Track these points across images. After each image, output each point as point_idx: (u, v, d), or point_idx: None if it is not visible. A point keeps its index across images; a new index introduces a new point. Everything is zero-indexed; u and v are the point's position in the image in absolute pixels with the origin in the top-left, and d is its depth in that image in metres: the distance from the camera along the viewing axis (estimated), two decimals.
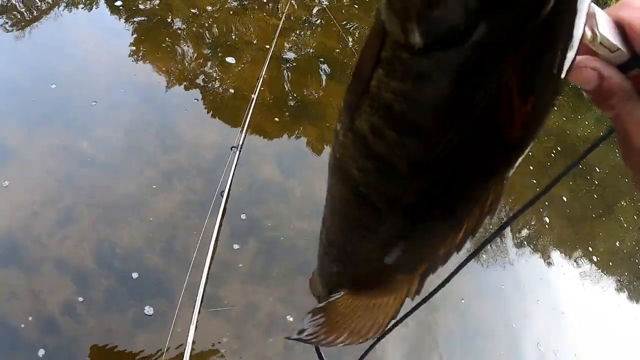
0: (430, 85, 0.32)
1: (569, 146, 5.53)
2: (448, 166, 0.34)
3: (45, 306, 2.59)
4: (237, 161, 1.97)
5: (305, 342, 0.57)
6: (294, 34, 5.29)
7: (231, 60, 4.36)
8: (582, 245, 4.63)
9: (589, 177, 5.22)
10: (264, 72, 2.40)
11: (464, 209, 0.39)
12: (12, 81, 3.67)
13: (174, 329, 1.97)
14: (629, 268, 4.72)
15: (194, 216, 3.10)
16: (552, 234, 4.51)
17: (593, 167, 5.34)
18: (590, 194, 5.07)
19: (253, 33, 4.98)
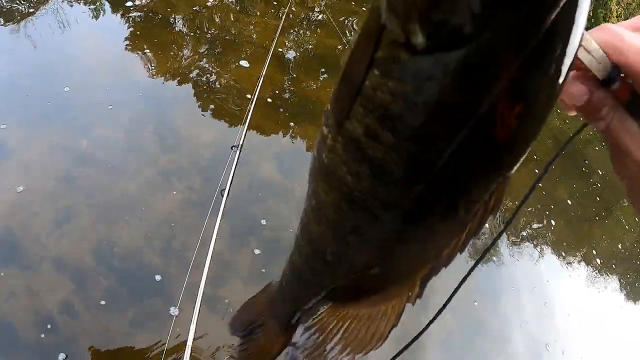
0: (430, 86, 0.31)
1: (572, 148, 5.53)
2: (448, 168, 0.33)
3: (44, 305, 2.58)
4: (237, 160, 1.96)
5: None
6: (294, 32, 5.28)
7: (245, 64, 4.35)
8: (586, 247, 4.66)
9: (592, 180, 5.22)
10: (264, 71, 2.39)
11: (466, 211, 0.37)
12: (11, 80, 3.66)
13: (173, 329, 1.96)
14: (631, 269, 4.74)
15: (193, 215, 3.09)
16: (556, 236, 4.53)
17: (595, 170, 5.34)
18: (594, 195, 5.09)
19: (253, 31, 4.96)
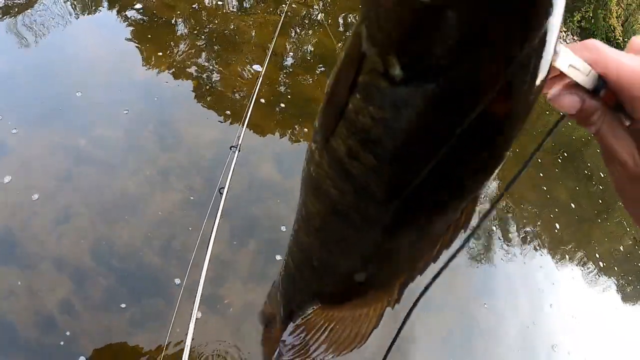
0: (408, 114, 0.33)
1: (574, 151, 5.55)
2: (424, 187, 0.36)
3: (44, 305, 2.58)
4: (236, 161, 1.96)
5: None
6: (294, 32, 5.28)
7: (258, 68, 4.36)
8: (589, 249, 4.71)
9: (593, 182, 5.23)
10: (263, 71, 2.39)
11: (439, 227, 0.41)
12: (11, 79, 3.65)
13: (172, 328, 1.96)
14: (631, 270, 4.77)
15: (193, 215, 3.09)
16: (560, 239, 4.60)
17: (596, 172, 5.36)
18: (595, 197, 5.11)
19: (252, 30, 4.96)
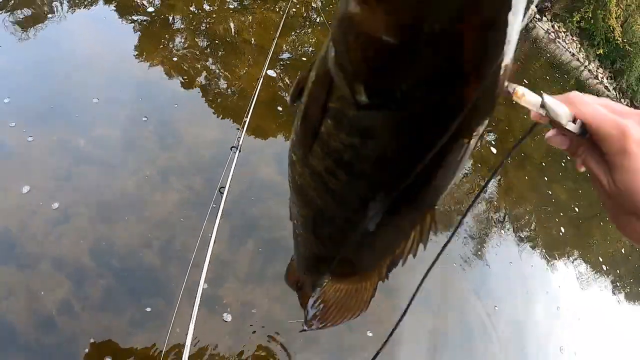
0: (374, 141, 0.38)
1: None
2: (393, 200, 0.43)
3: (43, 305, 2.57)
4: (237, 161, 1.96)
5: (318, 328, 0.70)
6: (294, 32, 5.28)
7: (272, 74, 4.36)
8: (592, 251, 4.74)
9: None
10: (264, 71, 2.39)
11: (409, 226, 0.50)
12: (10, 79, 3.65)
13: (172, 329, 1.96)
14: (632, 272, 4.79)
15: (192, 215, 3.09)
16: (565, 242, 4.66)
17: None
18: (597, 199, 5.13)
19: (253, 31, 4.96)
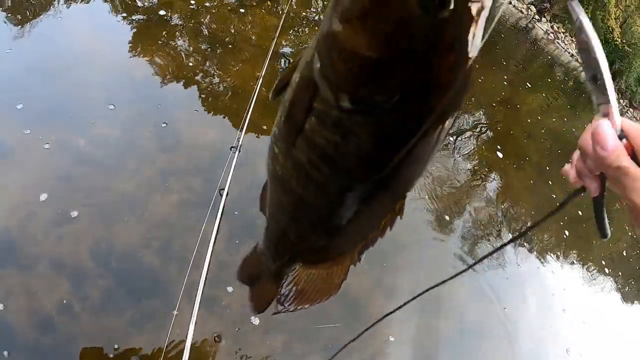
0: (355, 139, 0.43)
1: (570, 148, 5.55)
2: (368, 190, 0.49)
3: (42, 305, 2.57)
4: (236, 161, 1.96)
5: (290, 311, 0.75)
6: (293, 31, 5.28)
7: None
8: (594, 254, 4.77)
9: None
10: (263, 71, 2.39)
11: (381, 215, 0.55)
12: (9, 78, 3.65)
13: (172, 329, 1.96)
14: (632, 274, 4.81)
15: (192, 216, 3.09)
16: (569, 245, 4.71)
17: None
18: None
19: (252, 30, 4.96)
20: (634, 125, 0.53)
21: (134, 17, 4.63)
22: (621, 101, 14.76)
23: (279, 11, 5.26)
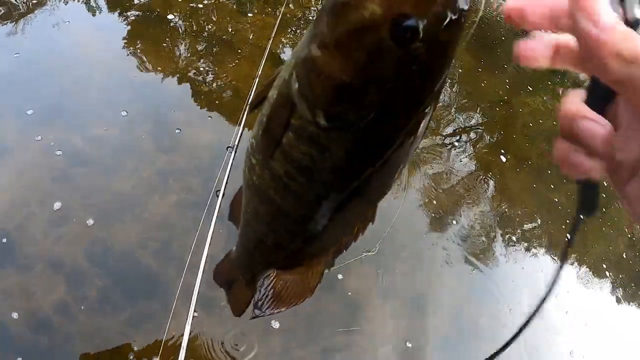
0: (330, 153, 0.46)
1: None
2: (343, 199, 0.52)
3: (39, 306, 2.57)
4: (232, 161, 1.96)
5: (267, 315, 0.77)
6: (291, 30, 5.29)
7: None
8: (596, 257, 4.80)
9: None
10: (259, 71, 2.39)
11: (355, 221, 0.59)
12: (7, 79, 3.65)
13: (169, 330, 1.96)
14: (629, 276, 4.83)
15: (190, 216, 3.09)
16: (573, 248, 4.73)
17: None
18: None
19: (249, 30, 4.96)
20: None
21: (132, 16, 4.64)
22: None
23: (277, 12, 5.27)
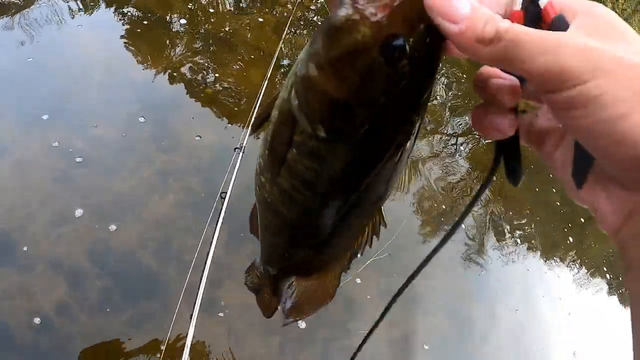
0: (329, 166, 0.50)
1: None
2: (347, 207, 0.55)
3: (40, 306, 2.57)
4: (240, 163, 1.97)
5: (295, 320, 0.80)
6: (292, 32, 5.29)
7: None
8: (598, 259, 4.87)
9: None
10: (269, 73, 2.40)
11: (362, 226, 0.63)
12: (7, 79, 3.63)
13: (171, 330, 1.96)
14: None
15: (190, 217, 3.09)
16: (576, 252, 4.81)
17: None
18: None
19: (250, 32, 4.96)
20: None
21: (132, 18, 4.62)
22: None
23: (276, 12, 5.27)
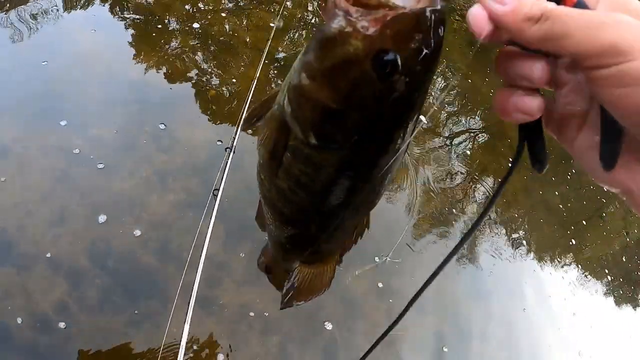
0: (321, 171, 0.53)
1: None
2: (338, 205, 0.58)
3: (39, 306, 2.58)
4: (231, 162, 1.98)
5: (294, 305, 0.85)
6: (290, 32, 5.30)
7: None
8: (599, 261, 4.88)
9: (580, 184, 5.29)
10: (258, 72, 2.41)
11: (352, 226, 0.70)
12: (7, 79, 3.65)
13: (169, 329, 1.97)
14: (628, 278, 4.91)
15: (189, 216, 3.10)
16: (578, 253, 4.83)
17: (585, 172, 5.39)
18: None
19: (247, 32, 4.97)
20: None
21: (131, 18, 4.64)
22: None
23: (274, 12, 5.28)
